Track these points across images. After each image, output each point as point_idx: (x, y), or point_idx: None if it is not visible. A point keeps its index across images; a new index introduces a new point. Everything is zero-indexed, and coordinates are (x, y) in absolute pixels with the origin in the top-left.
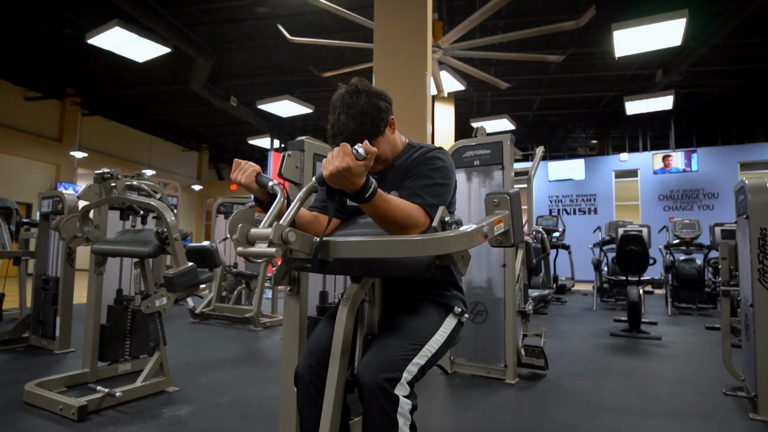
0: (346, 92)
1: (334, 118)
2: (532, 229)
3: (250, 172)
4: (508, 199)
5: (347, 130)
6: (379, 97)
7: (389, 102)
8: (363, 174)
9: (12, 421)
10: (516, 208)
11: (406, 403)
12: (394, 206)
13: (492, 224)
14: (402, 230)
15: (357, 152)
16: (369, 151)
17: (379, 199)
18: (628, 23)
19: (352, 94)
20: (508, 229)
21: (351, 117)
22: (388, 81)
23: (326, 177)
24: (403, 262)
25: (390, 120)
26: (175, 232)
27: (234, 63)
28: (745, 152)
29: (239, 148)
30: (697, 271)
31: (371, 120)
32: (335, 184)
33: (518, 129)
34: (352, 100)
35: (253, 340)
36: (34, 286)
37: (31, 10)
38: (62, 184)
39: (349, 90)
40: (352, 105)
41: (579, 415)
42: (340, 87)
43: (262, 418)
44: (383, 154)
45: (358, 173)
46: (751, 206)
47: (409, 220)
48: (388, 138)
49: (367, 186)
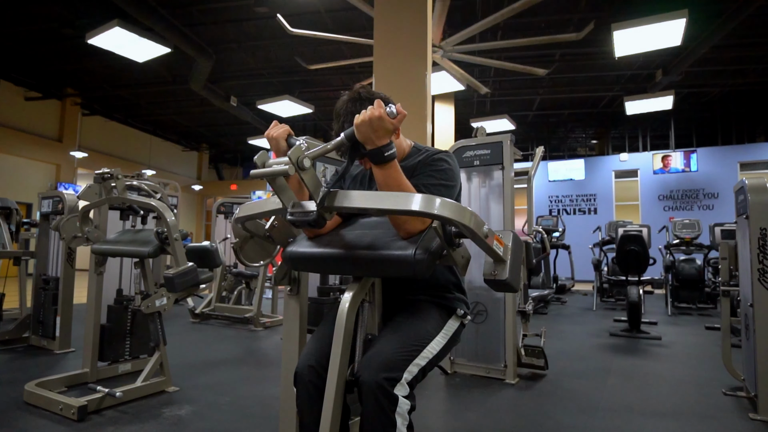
0: (349, 99)
1: (338, 127)
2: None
3: (283, 130)
4: (511, 235)
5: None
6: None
7: None
8: (390, 132)
9: (12, 421)
10: (517, 251)
11: (405, 404)
12: (404, 182)
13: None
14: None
15: (390, 110)
16: (400, 112)
17: (395, 167)
18: (628, 23)
19: (356, 101)
20: (505, 261)
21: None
22: (388, 81)
23: (357, 124)
24: (403, 261)
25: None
26: (175, 232)
27: (234, 63)
28: (745, 152)
29: (239, 148)
30: (697, 271)
31: None
32: (363, 134)
33: (518, 129)
34: (356, 108)
35: (253, 340)
36: (34, 286)
37: (31, 10)
38: (62, 184)
39: (352, 97)
40: (357, 113)
41: (579, 415)
42: (342, 94)
43: (262, 418)
44: None
45: (387, 127)
46: (751, 206)
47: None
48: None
49: (389, 146)
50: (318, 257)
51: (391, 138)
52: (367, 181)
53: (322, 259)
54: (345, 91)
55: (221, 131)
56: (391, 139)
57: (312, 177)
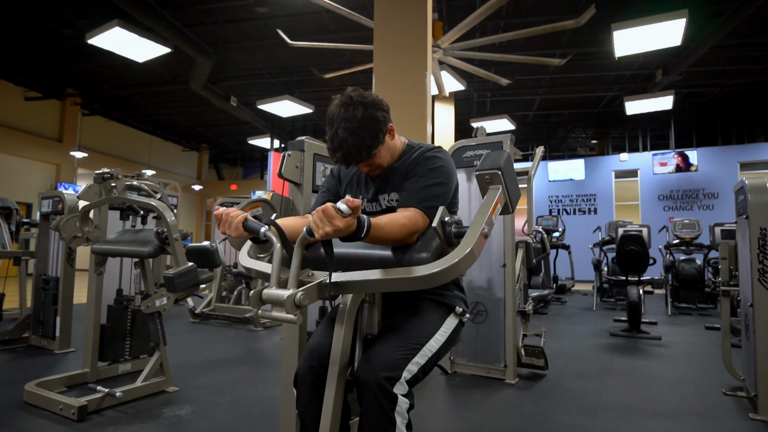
0: (341, 104)
1: (332, 133)
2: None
3: (236, 223)
4: (499, 174)
5: (346, 145)
6: (376, 106)
7: (386, 110)
8: (352, 225)
9: (12, 421)
10: (509, 174)
11: (404, 402)
12: (389, 228)
13: (490, 216)
14: (403, 242)
15: (341, 212)
16: (353, 206)
17: (375, 231)
18: (628, 23)
19: (348, 106)
20: (506, 202)
21: (349, 132)
22: (388, 81)
23: (319, 239)
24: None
25: (388, 128)
26: (175, 232)
27: (234, 63)
28: (745, 152)
29: (239, 148)
30: (697, 271)
31: (369, 133)
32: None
33: (518, 129)
34: (349, 113)
35: (253, 340)
36: (34, 286)
37: (31, 10)
38: (62, 184)
39: (344, 102)
40: (349, 119)
41: (579, 415)
42: (334, 98)
43: (262, 418)
44: (383, 161)
45: (347, 229)
46: (751, 206)
47: (407, 231)
48: (388, 144)
49: (360, 228)
50: (318, 259)
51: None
52: (363, 183)
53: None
54: (344, 92)
55: (221, 131)
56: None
57: (311, 296)
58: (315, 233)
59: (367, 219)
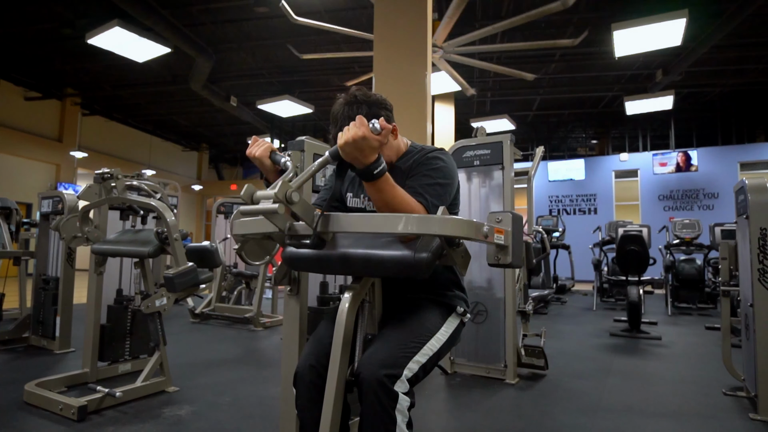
0: (345, 103)
1: (336, 131)
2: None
3: (265, 147)
4: (510, 216)
5: None
6: (380, 105)
7: (390, 109)
8: (376, 149)
9: (12, 421)
10: (517, 229)
11: (405, 400)
12: (398, 193)
13: (493, 229)
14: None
15: (373, 126)
16: (384, 127)
17: (387, 181)
18: (628, 23)
19: (353, 105)
20: (507, 246)
21: None
22: (388, 81)
23: (341, 146)
24: (403, 261)
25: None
26: (175, 232)
27: (234, 63)
28: (745, 152)
29: (239, 148)
30: (697, 271)
31: None
32: (348, 155)
33: (518, 129)
34: (353, 111)
35: (253, 340)
36: (34, 286)
37: (31, 10)
38: (62, 184)
39: (348, 101)
40: (353, 117)
41: (579, 415)
42: (338, 97)
43: (262, 418)
44: (387, 160)
45: (372, 145)
46: (751, 206)
47: (410, 209)
48: (391, 144)
49: (377, 162)
50: (317, 258)
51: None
52: None
53: (322, 260)
54: (343, 92)
55: (221, 131)
56: (379, 153)
57: (303, 207)
58: (340, 139)
59: (385, 164)
